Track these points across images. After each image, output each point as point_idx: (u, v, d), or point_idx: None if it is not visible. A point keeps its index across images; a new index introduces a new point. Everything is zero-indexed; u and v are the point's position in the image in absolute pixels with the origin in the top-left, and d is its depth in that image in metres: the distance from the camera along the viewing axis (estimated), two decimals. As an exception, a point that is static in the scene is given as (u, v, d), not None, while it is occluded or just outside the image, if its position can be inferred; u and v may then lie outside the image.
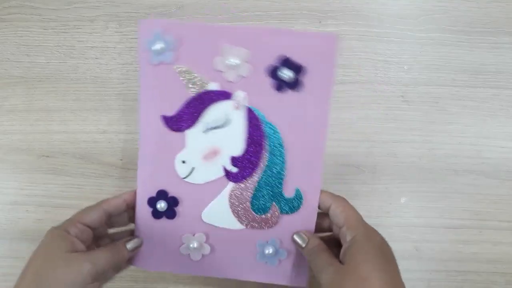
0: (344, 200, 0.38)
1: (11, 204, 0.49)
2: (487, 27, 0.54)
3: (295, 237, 0.38)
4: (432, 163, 0.50)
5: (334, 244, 0.37)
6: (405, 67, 0.52)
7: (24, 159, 0.50)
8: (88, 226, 0.36)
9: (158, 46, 0.35)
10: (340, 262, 0.34)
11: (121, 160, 0.50)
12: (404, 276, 0.33)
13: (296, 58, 0.35)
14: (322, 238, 0.38)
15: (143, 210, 0.38)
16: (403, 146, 0.50)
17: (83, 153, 0.50)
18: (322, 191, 0.38)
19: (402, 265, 0.47)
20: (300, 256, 0.39)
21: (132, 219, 0.40)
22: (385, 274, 0.32)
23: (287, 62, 0.35)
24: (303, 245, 0.37)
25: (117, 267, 0.39)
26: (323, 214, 0.39)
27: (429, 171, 0.50)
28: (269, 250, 0.38)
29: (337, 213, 0.36)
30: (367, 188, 0.49)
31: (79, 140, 0.50)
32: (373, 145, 0.50)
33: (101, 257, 0.34)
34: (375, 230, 0.36)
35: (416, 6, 0.54)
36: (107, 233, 0.40)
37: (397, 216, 0.49)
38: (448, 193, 0.49)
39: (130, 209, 0.39)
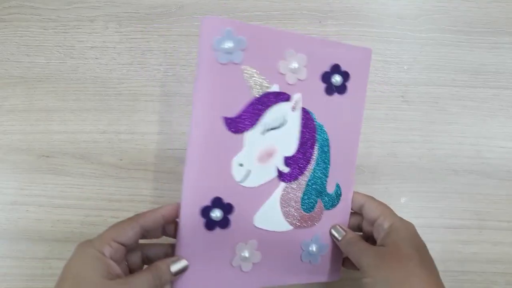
0: (374, 198, 0.40)
1: (11, 204, 0.49)
2: (487, 27, 0.54)
3: (333, 231, 0.40)
4: (432, 163, 0.50)
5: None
6: (405, 67, 0.52)
7: (24, 159, 0.50)
8: (122, 244, 0.32)
9: (228, 45, 0.34)
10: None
11: (121, 160, 0.50)
12: (404, 276, 0.33)
13: (344, 66, 0.39)
14: None
15: (192, 223, 0.35)
16: (403, 146, 0.50)
17: (83, 153, 0.50)
18: (354, 191, 0.41)
19: (402, 265, 0.47)
20: (335, 249, 0.41)
21: (168, 232, 0.37)
22: (423, 254, 0.34)
23: (337, 69, 0.39)
24: (340, 238, 0.39)
25: None
26: (352, 213, 0.41)
27: (429, 171, 0.50)
28: (313, 248, 0.40)
29: (372, 208, 0.39)
30: (367, 188, 0.49)
31: (79, 140, 0.50)
32: (373, 145, 0.50)
33: (141, 284, 0.30)
34: (409, 221, 0.38)
35: (416, 6, 0.54)
36: (138, 244, 0.36)
37: (397, 216, 0.49)
38: (448, 193, 0.49)
39: (168, 223, 0.36)
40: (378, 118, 0.51)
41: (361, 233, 0.41)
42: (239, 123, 0.35)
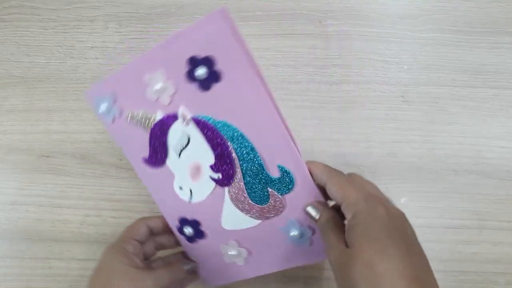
0: (338, 175, 0.35)
1: (11, 204, 0.49)
2: (487, 27, 0.54)
3: (308, 209, 0.36)
4: (432, 163, 0.50)
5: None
6: (405, 67, 0.52)
7: (24, 159, 0.50)
8: (138, 241, 0.39)
9: (103, 107, 0.38)
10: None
11: (121, 160, 0.50)
12: (404, 276, 0.33)
13: (201, 52, 0.33)
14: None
15: (180, 238, 0.42)
16: (403, 146, 0.50)
17: (83, 153, 0.50)
18: (311, 162, 0.36)
19: (402, 265, 0.47)
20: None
21: (177, 241, 0.42)
22: (392, 256, 0.28)
23: (194, 61, 0.34)
24: (316, 217, 0.36)
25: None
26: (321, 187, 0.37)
27: (429, 171, 0.50)
28: (294, 233, 0.38)
29: (333, 192, 0.34)
30: (367, 188, 0.49)
31: (79, 140, 0.50)
32: (373, 145, 0.50)
33: (163, 274, 0.37)
34: (381, 203, 0.31)
35: (416, 6, 0.54)
36: (155, 254, 0.42)
37: (397, 216, 0.49)
38: (448, 193, 0.49)
39: (172, 233, 0.42)
40: (378, 118, 0.51)
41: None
42: (155, 159, 0.38)
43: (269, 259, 0.40)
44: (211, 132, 0.36)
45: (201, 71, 0.34)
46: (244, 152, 0.36)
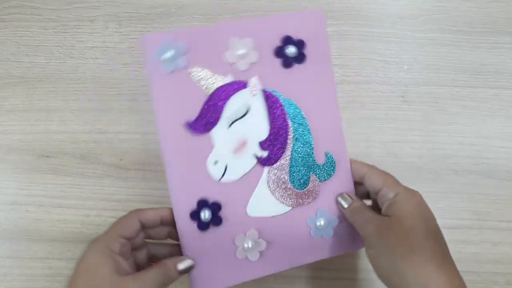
0: (377, 167, 0.38)
1: (11, 204, 0.49)
2: (487, 27, 0.54)
3: (339, 198, 0.38)
4: (432, 163, 0.50)
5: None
6: (405, 67, 0.52)
7: (24, 159, 0.50)
8: (127, 239, 0.35)
9: (169, 54, 0.35)
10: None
11: (121, 160, 0.50)
12: (404, 276, 0.33)
13: (296, 35, 0.38)
14: None
15: (186, 227, 0.37)
16: (403, 146, 0.50)
17: (83, 153, 0.50)
18: (352, 160, 0.39)
19: (402, 265, 0.47)
20: (350, 225, 0.39)
21: (171, 234, 0.38)
22: (429, 225, 0.33)
23: (289, 40, 0.37)
24: (346, 206, 0.38)
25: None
26: (355, 183, 0.39)
27: (429, 171, 0.50)
28: (321, 222, 0.38)
29: (374, 177, 0.37)
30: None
31: (79, 140, 0.50)
32: (373, 145, 0.50)
33: (149, 281, 0.32)
34: (415, 190, 0.36)
35: (416, 6, 0.54)
36: (144, 242, 0.38)
37: (397, 216, 0.49)
38: (448, 193, 0.49)
39: (167, 225, 0.37)
40: (378, 118, 0.51)
41: (370, 202, 0.40)
42: (203, 123, 0.36)
43: (288, 253, 0.39)
44: (277, 106, 0.37)
45: (292, 49, 0.37)
46: (301, 132, 0.38)
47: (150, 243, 0.38)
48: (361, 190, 0.40)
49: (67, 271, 0.47)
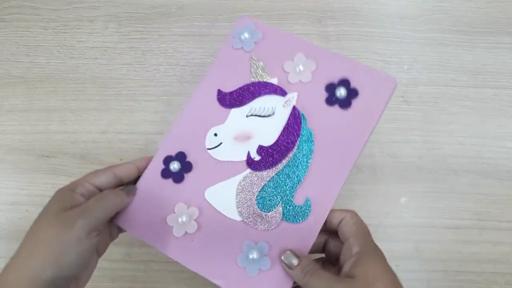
0: (356, 213, 0.35)
1: (11, 204, 0.49)
2: (487, 27, 0.54)
3: (284, 257, 0.34)
4: (432, 163, 0.50)
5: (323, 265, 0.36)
6: (404, 67, 0.52)
7: (24, 159, 0.50)
8: (97, 187, 0.35)
9: (245, 35, 0.40)
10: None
11: (121, 160, 0.50)
12: (404, 276, 0.33)
13: (354, 83, 0.38)
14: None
15: (154, 167, 0.39)
16: (403, 146, 0.50)
17: (83, 153, 0.50)
18: (333, 210, 0.36)
19: (402, 265, 0.47)
20: (285, 280, 0.35)
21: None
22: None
23: (345, 83, 0.38)
24: (293, 266, 0.33)
25: (111, 230, 0.38)
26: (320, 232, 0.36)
27: (429, 171, 0.50)
28: (254, 255, 0.35)
29: (349, 225, 0.34)
30: (367, 188, 0.49)
31: (79, 140, 0.50)
32: (373, 145, 0.50)
33: (93, 206, 0.33)
34: (378, 249, 0.34)
35: (416, 6, 0.54)
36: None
37: (397, 216, 0.49)
38: (448, 193, 0.49)
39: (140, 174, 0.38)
40: (378, 118, 0.51)
41: (322, 255, 0.38)
42: (228, 99, 0.39)
43: (207, 258, 0.36)
44: (295, 128, 0.38)
45: (342, 92, 0.38)
46: (299, 163, 0.37)
47: None
48: (318, 239, 0.36)
49: (67, 271, 0.48)
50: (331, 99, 0.38)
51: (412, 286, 0.47)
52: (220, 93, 0.40)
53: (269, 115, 0.39)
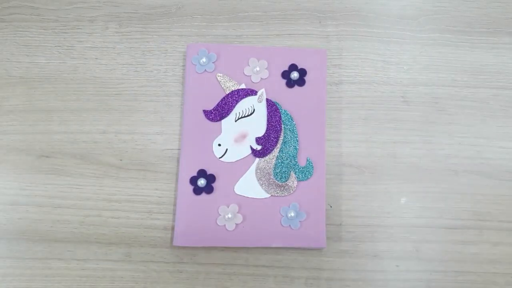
0: None
1: (11, 204, 0.49)
2: (487, 27, 0.54)
3: None
4: (432, 163, 0.50)
5: None
6: (405, 67, 0.52)
7: (24, 159, 0.50)
8: None
9: (203, 60, 0.49)
10: None
11: (121, 160, 0.50)
12: (404, 276, 0.33)
13: (300, 65, 0.50)
14: None
15: (184, 189, 0.47)
16: (403, 147, 0.50)
17: (82, 153, 0.50)
18: None
19: (402, 265, 0.47)
20: (319, 219, 0.46)
21: None
22: None
23: (295, 67, 0.50)
24: None
25: None
26: None
27: (429, 171, 0.50)
28: (291, 213, 0.46)
29: None
30: (367, 188, 0.49)
31: (79, 140, 0.50)
32: (373, 145, 0.50)
33: None
34: None
35: (416, 6, 0.54)
36: None
37: (397, 216, 0.49)
38: (448, 193, 0.49)
39: None
40: (378, 118, 0.51)
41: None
42: (216, 114, 0.49)
43: (258, 233, 0.46)
44: (275, 114, 0.48)
45: (295, 74, 0.49)
46: (289, 140, 0.48)
47: None
48: None
49: (67, 271, 0.48)
50: (290, 83, 0.49)
51: (412, 286, 0.47)
52: (206, 112, 0.48)
53: (252, 113, 0.49)
